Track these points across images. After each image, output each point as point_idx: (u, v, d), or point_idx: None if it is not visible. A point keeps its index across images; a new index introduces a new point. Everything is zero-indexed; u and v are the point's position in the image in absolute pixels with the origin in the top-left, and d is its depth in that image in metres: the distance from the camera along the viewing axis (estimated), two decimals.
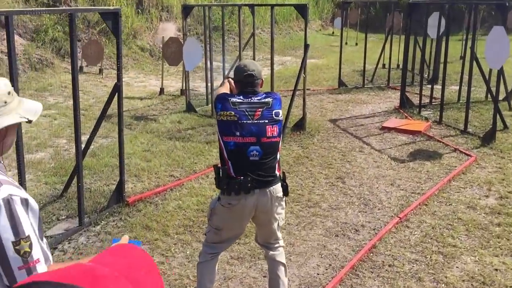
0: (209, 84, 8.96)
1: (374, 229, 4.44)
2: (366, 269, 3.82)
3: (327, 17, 24.82)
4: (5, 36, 4.80)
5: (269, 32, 19.55)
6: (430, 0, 9.46)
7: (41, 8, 9.33)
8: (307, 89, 8.47)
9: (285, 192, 3.07)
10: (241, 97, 3.03)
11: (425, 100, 8.88)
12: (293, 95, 7.44)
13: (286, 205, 3.24)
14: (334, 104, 9.49)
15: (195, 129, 7.68)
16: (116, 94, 4.46)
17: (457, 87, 9.59)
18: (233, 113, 2.95)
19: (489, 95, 9.30)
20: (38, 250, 1.58)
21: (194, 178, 5.58)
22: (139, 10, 13.94)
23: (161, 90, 10.00)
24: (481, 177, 5.65)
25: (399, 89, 10.37)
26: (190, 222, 4.55)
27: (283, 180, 3.07)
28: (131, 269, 0.83)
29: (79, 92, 4.28)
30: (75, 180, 4.63)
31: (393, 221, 4.51)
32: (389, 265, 3.87)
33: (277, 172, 3.04)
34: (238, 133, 2.92)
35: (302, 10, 7.16)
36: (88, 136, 4.96)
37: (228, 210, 2.99)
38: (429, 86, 9.34)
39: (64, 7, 11.08)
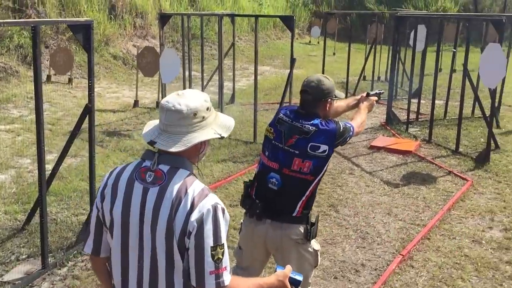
0: None
1: (376, 269, 4.02)
2: None
3: (304, 26, 24.58)
4: None
5: (247, 41, 19.16)
6: (418, 14, 9.20)
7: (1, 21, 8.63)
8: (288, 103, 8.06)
9: (306, 236, 2.63)
10: (292, 115, 2.69)
11: (411, 115, 8.56)
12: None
13: (315, 261, 2.74)
14: None
15: None
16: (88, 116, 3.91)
17: (442, 102, 9.32)
18: (272, 130, 2.74)
19: (475, 112, 9.09)
20: (227, 259, 1.67)
21: None
22: (112, 16, 13.29)
23: (136, 102, 9.43)
24: (481, 205, 5.31)
25: (384, 104, 10.10)
26: None
27: (307, 223, 2.63)
28: None
29: (45, 103, 3.73)
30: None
31: (396, 260, 4.09)
32: None
33: (297, 212, 2.62)
34: (267, 153, 2.72)
35: (288, 21, 6.75)
36: (55, 155, 4.38)
37: (246, 231, 2.77)
38: (414, 100, 9.04)
39: (27, 19, 10.35)
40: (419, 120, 8.85)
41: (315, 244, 2.72)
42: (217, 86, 10.24)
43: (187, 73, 8.85)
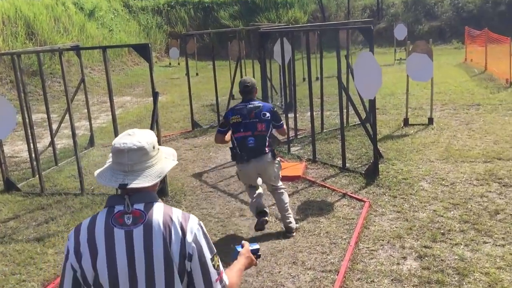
0: (32, 146, 6.94)
1: None
2: None
3: (161, 48, 23.59)
4: None
5: (101, 71, 17.56)
6: (280, 28, 8.82)
7: None
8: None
9: (274, 156, 4.78)
10: (242, 105, 4.77)
11: (290, 132, 8.08)
12: None
13: (280, 166, 4.97)
14: (193, 152, 8.21)
15: (19, 219, 5.73)
16: None
17: (316, 113, 9.01)
18: (237, 116, 4.72)
19: (349, 120, 8.96)
20: (220, 262, 1.86)
21: None
22: None
23: None
24: (386, 230, 4.86)
25: None
26: None
27: (272, 152, 4.76)
28: None
29: None
30: None
31: None
32: None
33: (266, 149, 4.70)
34: (241, 129, 4.68)
35: (143, 51, 5.76)
36: None
37: (240, 172, 4.86)
38: (290, 115, 8.62)
39: None
40: (299, 137, 8.43)
41: (278, 161, 4.90)
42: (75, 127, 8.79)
43: (27, 118, 7.34)
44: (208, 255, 1.80)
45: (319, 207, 5.53)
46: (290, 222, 4.85)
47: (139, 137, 1.82)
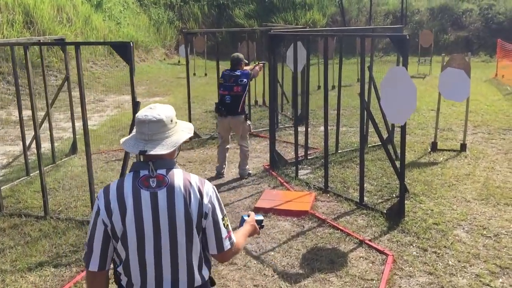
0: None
1: None
2: None
3: (171, 45, 22.55)
4: None
5: (103, 66, 16.56)
6: (294, 31, 7.69)
7: None
8: None
9: (246, 118, 6.43)
10: (228, 71, 6.44)
11: (299, 150, 6.94)
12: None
13: (250, 128, 6.59)
14: (186, 169, 7.10)
15: None
16: None
17: (331, 127, 7.87)
18: (222, 79, 6.47)
19: (368, 139, 7.80)
20: (229, 223, 2.15)
21: None
22: None
23: None
24: None
25: (265, 137, 8.45)
26: None
27: (245, 114, 6.45)
28: None
29: None
30: None
31: None
32: None
33: (240, 109, 6.32)
34: (222, 88, 6.40)
35: (123, 51, 4.67)
36: None
37: (219, 122, 6.55)
38: (300, 129, 7.47)
39: None
40: (309, 157, 7.29)
41: (249, 125, 6.55)
42: (61, 128, 7.73)
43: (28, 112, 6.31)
44: (220, 215, 2.07)
45: (329, 258, 4.40)
46: (244, 170, 6.58)
47: (159, 110, 2.06)
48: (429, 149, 7.64)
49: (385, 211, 5.24)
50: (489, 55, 20.39)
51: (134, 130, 2.10)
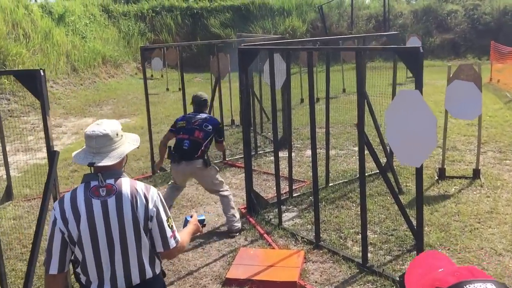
0: None
1: None
2: None
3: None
4: None
5: (66, 84, 15.10)
6: (271, 43, 6.43)
7: None
8: None
9: (205, 164, 5.04)
10: (192, 114, 5.32)
11: (281, 184, 5.65)
12: None
13: (216, 170, 5.25)
14: None
15: None
16: None
17: (320, 150, 6.63)
18: (183, 122, 5.24)
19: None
20: (174, 223, 2.40)
21: None
22: None
23: None
24: None
25: (242, 167, 7.11)
26: None
27: (204, 158, 5.04)
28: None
29: None
30: None
31: None
32: None
33: (197, 155, 4.99)
34: (182, 132, 5.14)
35: (30, 82, 3.33)
36: None
37: (172, 171, 5.31)
38: (282, 154, 6.19)
39: None
40: (294, 195, 6.01)
41: (214, 168, 5.22)
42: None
43: None
44: (164, 217, 2.32)
45: None
46: (233, 225, 5.12)
47: (105, 126, 2.33)
48: (436, 177, 6.43)
49: (397, 278, 3.97)
50: (477, 57, 19.46)
51: (84, 145, 2.36)
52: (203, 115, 5.24)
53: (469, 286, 1.02)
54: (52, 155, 3.44)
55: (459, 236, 4.75)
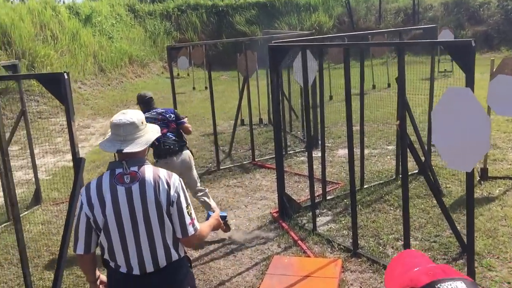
0: None
1: None
2: None
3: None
4: None
5: (93, 85, 15.17)
6: (303, 39, 6.18)
7: None
8: None
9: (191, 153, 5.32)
10: (151, 114, 5.04)
11: (315, 187, 5.39)
12: None
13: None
14: None
15: None
16: None
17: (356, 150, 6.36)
18: (153, 121, 4.85)
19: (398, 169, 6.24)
20: (193, 212, 2.47)
21: None
22: None
23: None
24: None
25: (272, 168, 6.89)
26: None
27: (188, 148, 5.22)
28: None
29: None
30: None
31: None
32: None
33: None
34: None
35: (54, 86, 3.19)
36: None
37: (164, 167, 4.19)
38: (315, 154, 5.92)
39: None
40: (328, 197, 5.76)
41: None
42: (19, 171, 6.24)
43: None
44: (184, 203, 2.40)
45: None
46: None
47: (131, 114, 2.44)
48: (478, 177, 6.07)
49: None
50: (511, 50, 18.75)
51: (108, 133, 2.47)
52: (158, 110, 5.17)
53: (440, 285, 1.08)
54: (78, 162, 3.30)
55: (508, 243, 4.42)
